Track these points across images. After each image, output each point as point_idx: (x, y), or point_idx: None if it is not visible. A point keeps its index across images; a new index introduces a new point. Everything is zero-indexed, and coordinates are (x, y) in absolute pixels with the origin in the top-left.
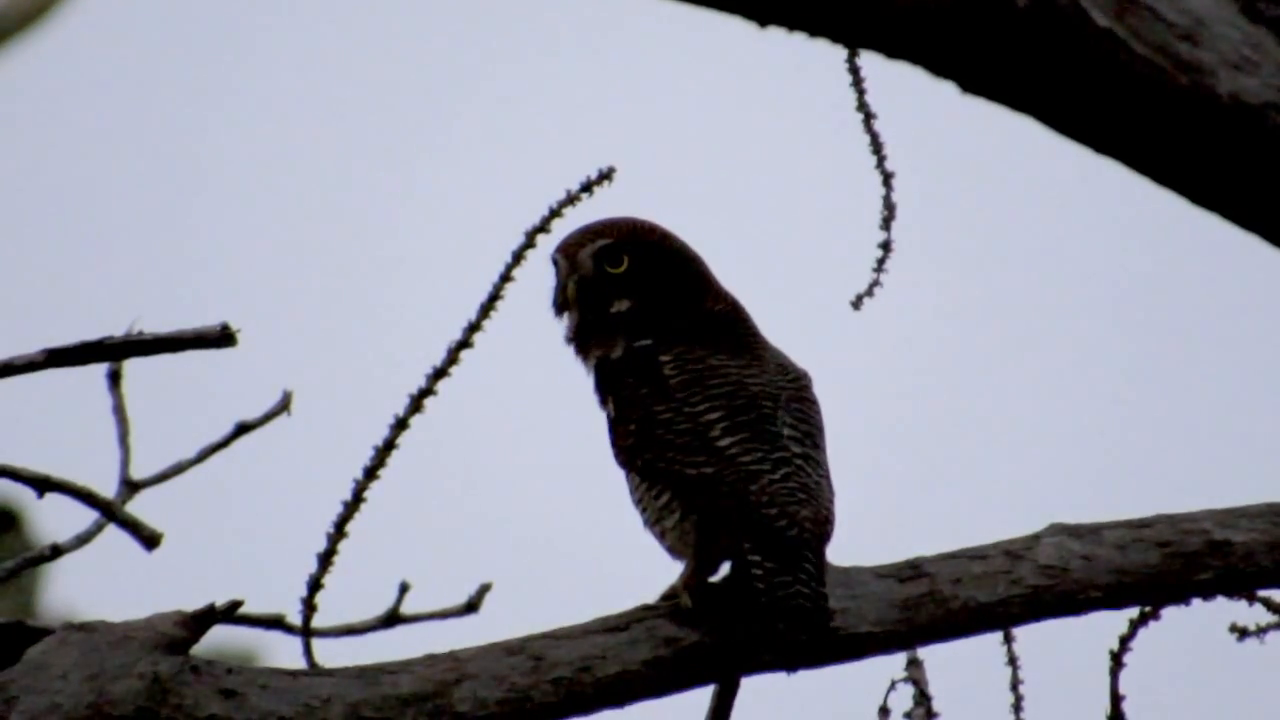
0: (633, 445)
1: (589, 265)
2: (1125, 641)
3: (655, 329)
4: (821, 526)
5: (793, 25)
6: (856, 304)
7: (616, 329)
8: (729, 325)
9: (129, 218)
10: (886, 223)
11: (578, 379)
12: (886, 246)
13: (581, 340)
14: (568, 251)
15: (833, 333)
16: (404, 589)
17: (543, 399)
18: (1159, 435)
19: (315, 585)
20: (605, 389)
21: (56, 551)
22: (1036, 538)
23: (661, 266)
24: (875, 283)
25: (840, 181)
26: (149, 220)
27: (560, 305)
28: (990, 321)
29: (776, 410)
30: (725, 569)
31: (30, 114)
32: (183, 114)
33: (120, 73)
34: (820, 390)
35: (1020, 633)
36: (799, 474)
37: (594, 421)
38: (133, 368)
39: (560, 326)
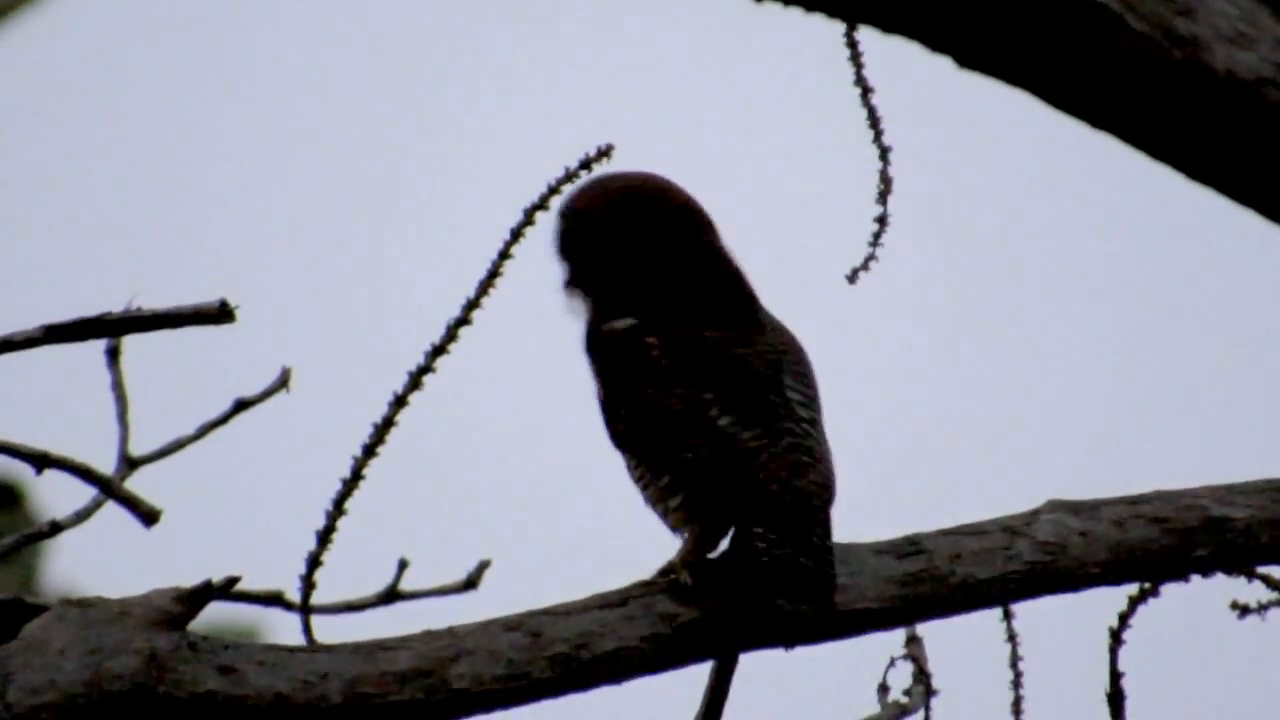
0: (627, 431)
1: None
2: (1125, 618)
3: (645, 300)
4: (825, 492)
5: None
6: (852, 278)
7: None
8: (728, 292)
9: (128, 193)
10: (883, 197)
11: (577, 356)
12: (883, 220)
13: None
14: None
15: (827, 307)
16: (403, 566)
17: (541, 376)
18: (1157, 412)
19: (314, 562)
20: (591, 363)
21: (55, 528)
22: (1035, 514)
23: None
24: (871, 257)
25: (837, 155)
26: (148, 196)
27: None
28: (987, 296)
29: (778, 377)
30: (724, 544)
31: (28, 89)
32: (179, 89)
33: (119, 48)
34: (816, 365)
35: (1019, 609)
36: (805, 439)
37: (593, 400)
38: (131, 344)
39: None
